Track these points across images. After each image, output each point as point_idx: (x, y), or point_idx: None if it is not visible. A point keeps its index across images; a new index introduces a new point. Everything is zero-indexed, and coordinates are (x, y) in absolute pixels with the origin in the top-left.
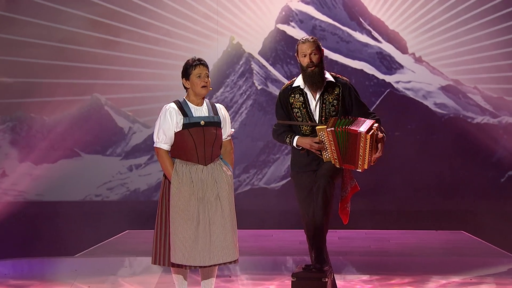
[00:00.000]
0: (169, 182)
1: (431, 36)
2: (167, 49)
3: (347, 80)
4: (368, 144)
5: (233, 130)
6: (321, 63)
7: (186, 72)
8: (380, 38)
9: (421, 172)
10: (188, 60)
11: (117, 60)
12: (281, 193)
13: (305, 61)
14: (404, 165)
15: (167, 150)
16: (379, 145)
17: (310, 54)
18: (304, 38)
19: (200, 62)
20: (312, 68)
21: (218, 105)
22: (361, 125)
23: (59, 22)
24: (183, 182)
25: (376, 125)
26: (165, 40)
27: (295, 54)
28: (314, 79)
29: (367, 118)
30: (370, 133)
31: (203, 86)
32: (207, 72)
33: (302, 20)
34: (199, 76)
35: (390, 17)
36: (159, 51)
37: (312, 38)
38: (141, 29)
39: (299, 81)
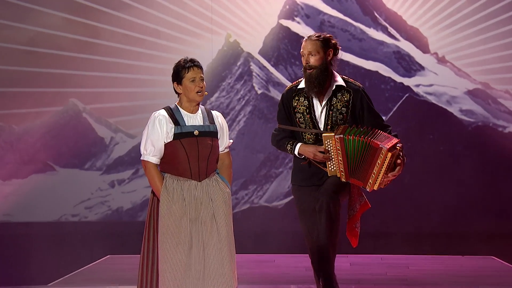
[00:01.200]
0: (158, 200)
1: (456, 32)
2: (154, 51)
3: (360, 85)
4: (386, 163)
5: (231, 141)
6: (322, 66)
7: (178, 76)
8: (397, 36)
9: (445, 188)
10: (179, 62)
11: (97, 64)
12: (285, 212)
13: (303, 61)
14: (424, 180)
15: (156, 164)
16: (397, 168)
17: (308, 55)
18: (308, 36)
19: (194, 64)
20: (310, 70)
21: (214, 113)
22: (383, 140)
23: (28, 22)
24: (174, 200)
25: (400, 145)
26: (152, 41)
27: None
28: (310, 83)
29: (383, 131)
30: (392, 152)
31: (198, 92)
32: (201, 75)
33: (309, 15)
34: (193, 80)
35: (409, 12)
36: (145, 54)
37: (317, 36)
38: (123, 28)
39: (304, 83)
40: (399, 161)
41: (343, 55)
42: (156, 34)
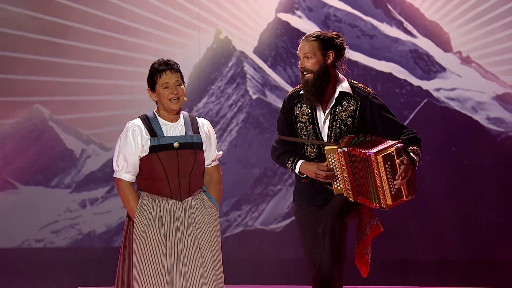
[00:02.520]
0: (133, 223)
1: (482, 26)
2: (131, 52)
3: (370, 91)
4: (383, 169)
5: (220, 153)
6: (320, 70)
7: (152, 81)
8: (414, 32)
9: (471, 210)
10: (153, 64)
11: (65, 67)
12: (284, 236)
13: (299, 64)
14: (446, 200)
15: (130, 182)
16: (401, 168)
17: (303, 57)
18: (306, 35)
19: (168, 67)
20: (307, 75)
21: (200, 121)
22: (373, 146)
23: None
24: (150, 223)
25: (398, 145)
26: (128, 40)
27: None
28: (306, 90)
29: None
30: (383, 155)
31: (172, 99)
32: (178, 79)
33: (311, 8)
34: (166, 87)
35: (427, 3)
36: (121, 55)
37: (315, 36)
38: (95, 27)
39: None
40: (398, 161)
41: (350, 55)
42: (134, 32)
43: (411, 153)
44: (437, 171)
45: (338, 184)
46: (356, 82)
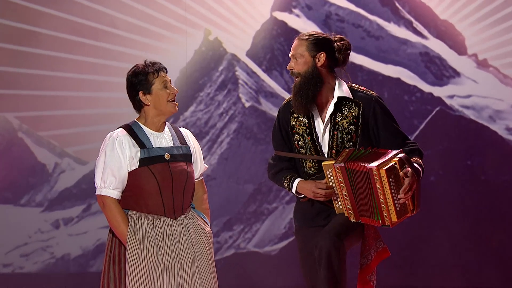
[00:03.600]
0: (119, 245)
1: (500, 26)
2: (107, 60)
3: (374, 94)
4: (387, 184)
5: (206, 166)
6: (307, 73)
7: (145, 84)
8: (425, 32)
9: (488, 230)
10: (137, 68)
11: (36, 73)
12: (280, 260)
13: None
14: (460, 220)
15: (117, 199)
16: (406, 180)
17: (292, 59)
18: (299, 35)
19: (161, 66)
20: (296, 79)
21: (184, 131)
22: (374, 158)
23: None
24: (145, 245)
25: (400, 155)
26: (103, 46)
27: None
28: (293, 95)
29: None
30: (386, 168)
31: (171, 100)
32: (169, 78)
33: (311, 6)
34: (165, 86)
35: (440, 1)
36: (97, 64)
37: (309, 34)
38: (67, 33)
39: None
40: (402, 174)
41: (354, 58)
42: (109, 37)
43: (414, 164)
44: (450, 188)
45: (339, 203)
46: (358, 85)
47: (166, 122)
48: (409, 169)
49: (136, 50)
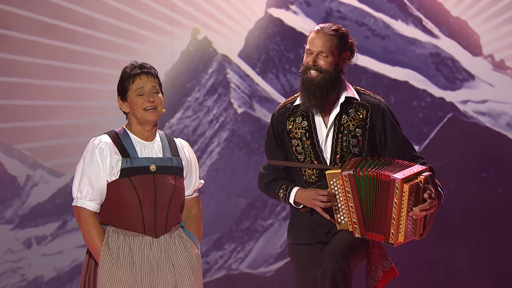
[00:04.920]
0: (96, 265)
1: None
2: (85, 65)
3: (381, 99)
4: (406, 201)
5: (202, 181)
6: (334, 72)
7: (122, 87)
8: (436, 31)
9: (506, 248)
10: (125, 68)
11: (4, 71)
12: (276, 282)
13: (307, 59)
14: (475, 237)
15: (95, 212)
16: (427, 203)
17: (317, 54)
18: (321, 27)
19: (143, 70)
20: (314, 74)
21: (179, 141)
22: (398, 169)
23: None
24: (119, 264)
25: (426, 173)
26: (85, 35)
27: (305, 44)
28: (309, 91)
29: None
30: (410, 183)
31: (147, 109)
32: (155, 85)
33: (309, 2)
34: (140, 93)
35: None
36: (74, 70)
37: (333, 29)
38: (41, 36)
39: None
40: (426, 195)
41: (358, 59)
42: (90, 26)
43: (438, 187)
44: (464, 202)
45: (341, 216)
46: (363, 89)
47: (159, 131)
48: (433, 190)
49: (117, 52)
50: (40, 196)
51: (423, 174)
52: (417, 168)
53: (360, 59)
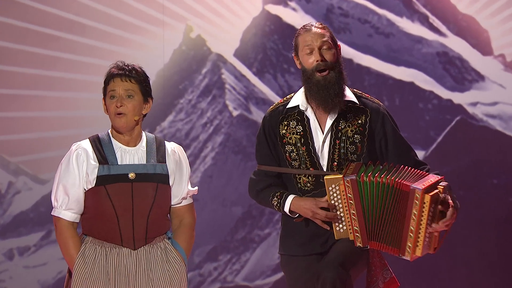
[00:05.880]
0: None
1: None
2: (76, 55)
3: (380, 104)
4: (426, 213)
5: (195, 189)
6: (340, 66)
7: (103, 89)
8: (444, 29)
9: None
10: (110, 66)
11: None
12: None
13: (310, 60)
14: (485, 248)
15: (72, 222)
16: (449, 212)
17: (320, 48)
18: (308, 25)
19: (120, 72)
20: (325, 72)
21: (170, 146)
22: (415, 179)
23: None
24: (93, 277)
25: (443, 183)
26: (70, 38)
27: (293, 53)
28: (329, 92)
29: (418, 169)
30: (432, 194)
31: (117, 114)
32: (130, 89)
33: None
34: (112, 96)
35: None
36: (62, 59)
37: (321, 24)
38: (18, 19)
39: (297, 99)
40: (441, 206)
41: (360, 59)
42: (79, 29)
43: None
44: (474, 210)
45: (341, 225)
46: (361, 92)
47: (148, 134)
48: (451, 202)
49: (106, 42)
50: (22, 205)
51: (440, 184)
52: (433, 177)
53: (363, 59)
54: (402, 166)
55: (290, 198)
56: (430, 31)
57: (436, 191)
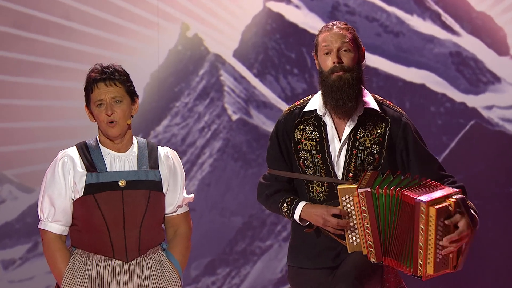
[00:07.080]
0: None
1: None
2: (63, 61)
3: (403, 112)
4: (433, 227)
5: (191, 196)
6: (360, 70)
7: (86, 95)
8: (457, 28)
9: None
10: (89, 71)
11: None
12: None
13: (328, 62)
14: (503, 260)
15: (60, 234)
16: (460, 228)
17: (338, 50)
18: (330, 24)
19: (103, 76)
20: (340, 73)
21: (163, 151)
22: (426, 191)
23: None
24: None
25: (457, 196)
26: (56, 40)
27: (313, 52)
28: (343, 95)
29: (441, 182)
30: (438, 207)
31: (109, 122)
32: (116, 94)
33: None
34: (99, 104)
35: None
36: (50, 65)
37: (344, 23)
38: (4, 24)
39: (315, 102)
40: (458, 218)
41: (368, 59)
42: (66, 29)
43: (471, 210)
44: (490, 221)
45: (354, 237)
46: (382, 98)
47: (140, 139)
48: (465, 216)
49: (96, 46)
50: (7, 215)
51: (453, 196)
52: (446, 189)
53: (371, 59)
54: (422, 177)
55: (301, 205)
56: (442, 30)
57: (445, 204)
